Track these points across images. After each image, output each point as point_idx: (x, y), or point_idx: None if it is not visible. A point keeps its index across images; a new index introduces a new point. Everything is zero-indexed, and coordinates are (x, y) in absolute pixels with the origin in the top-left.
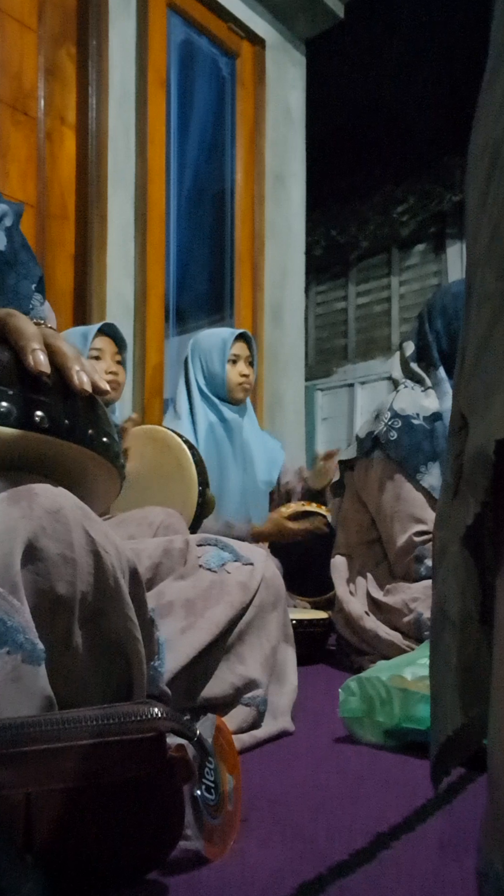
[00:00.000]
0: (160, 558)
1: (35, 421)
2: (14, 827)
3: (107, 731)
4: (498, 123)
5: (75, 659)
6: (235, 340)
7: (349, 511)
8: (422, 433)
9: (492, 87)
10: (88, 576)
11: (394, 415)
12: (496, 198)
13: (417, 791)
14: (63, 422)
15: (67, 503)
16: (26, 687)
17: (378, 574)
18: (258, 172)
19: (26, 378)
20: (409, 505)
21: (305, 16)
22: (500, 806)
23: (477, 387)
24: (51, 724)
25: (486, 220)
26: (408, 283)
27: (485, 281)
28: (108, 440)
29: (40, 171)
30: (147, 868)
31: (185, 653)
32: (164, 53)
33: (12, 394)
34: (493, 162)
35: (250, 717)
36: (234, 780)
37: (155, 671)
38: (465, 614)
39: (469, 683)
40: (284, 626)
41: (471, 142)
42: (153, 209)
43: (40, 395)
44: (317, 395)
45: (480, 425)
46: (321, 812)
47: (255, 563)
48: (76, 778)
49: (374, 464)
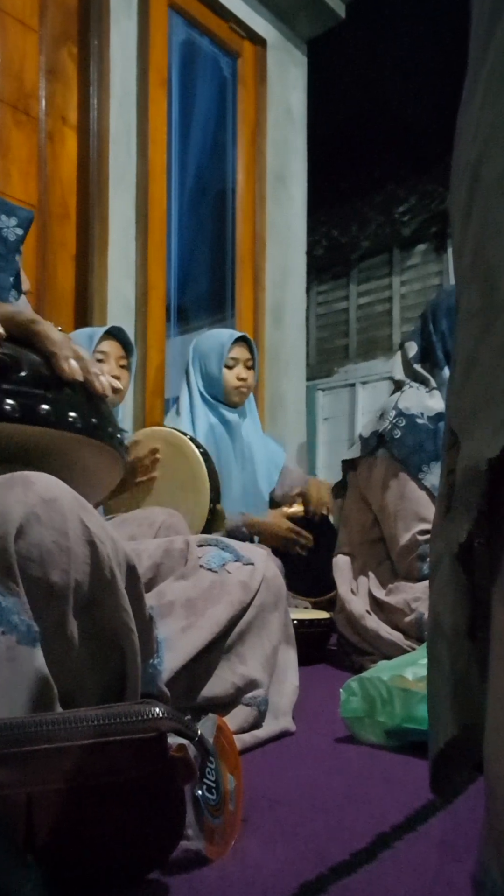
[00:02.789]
0: (161, 558)
1: (41, 415)
2: (15, 827)
3: (108, 731)
4: (475, 144)
5: (70, 648)
6: (234, 344)
7: (352, 510)
8: (425, 432)
9: (468, 107)
10: (84, 565)
11: (398, 413)
12: (478, 218)
13: (418, 791)
14: (68, 415)
15: (63, 493)
16: (21, 667)
17: (380, 573)
18: (259, 172)
19: (28, 374)
20: (412, 503)
21: (307, 16)
22: (497, 815)
23: (465, 404)
24: (52, 724)
25: (470, 238)
26: (409, 283)
27: (470, 299)
28: (112, 429)
29: (41, 171)
30: (148, 868)
31: (185, 651)
32: (166, 53)
33: (16, 390)
34: (472, 182)
35: (251, 717)
36: (236, 780)
37: (154, 669)
38: (456, 628)
39: (461, 695)
40: (285, 627)
41: (453, 160)
42: (154, 209)
43: (44, 390)
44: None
45: (470, 443)
46: (322, 812)
47: (255, 563)
48: (77, 778)
49: (378, 462)
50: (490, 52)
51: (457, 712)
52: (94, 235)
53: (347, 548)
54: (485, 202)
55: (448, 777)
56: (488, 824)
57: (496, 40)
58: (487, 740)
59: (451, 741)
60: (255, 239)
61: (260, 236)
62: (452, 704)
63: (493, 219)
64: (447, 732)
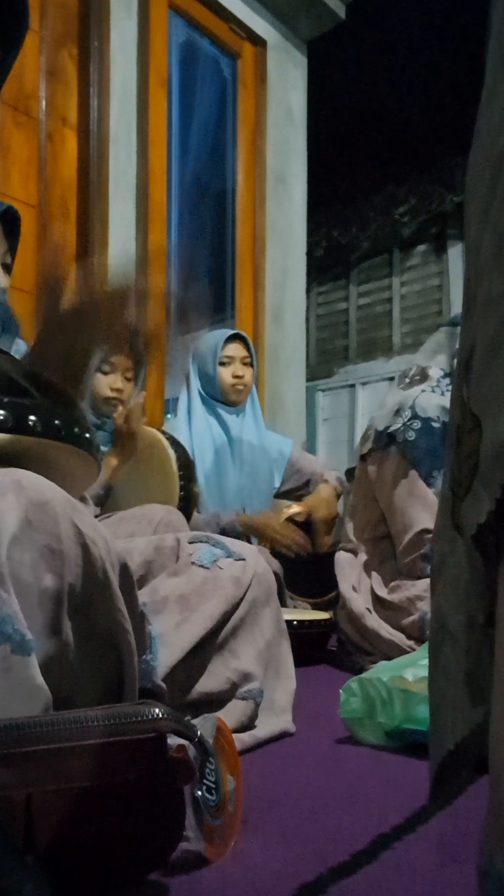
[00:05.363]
0: (152, 556)
1: (29, 425)
2: (15, 827)
3: (108, 731)
4: (499, 139)
5: (65, 651)
6: (229, 342)
7: (358, 506)
8: (440, 436)
9: (490, 103)
10: (76, 567)
11: (413, 415)
12: (500, 209)
13: (418, 792)
14: (53, 423)
15: (55, 495)
16: (16, 677)
17: (383, 571)
18: (259, 173)
19: (17, 386)
20: (421, 501)
21: (307, 16)
22: (501, 805)
23: (489, 388)
24: (51, 725)
25: (491, 229)
26: (409, 284)
27: (492, 286)
28: (90, 435)
29: (41, 172)
30: (148, 869)
31: (180, 646)
32: (166, 54)
33: (8, 401)
34: (495, 175)
35: (248, 710)
36: (235, 781)
37: (147, 665)
38: (468, 622)
39: (473, 690)
40: (278, 622)
41: (470, 158)
42: (154, 210)
43: (32, 399)
44: (318, 395)
45: (497, 424)
46: (322, 813)
47: (246, 559)
48: (77, 778)
49: (390, 459)
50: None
51: (469, 709)
52: (94, 236)
53: (352, 543)
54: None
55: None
56: (492, 814)
57: None
58: (493, 729)
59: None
60: (255, 239)
61: (260, 237)
62: (464, 700)
63: None
64: (456, 735)
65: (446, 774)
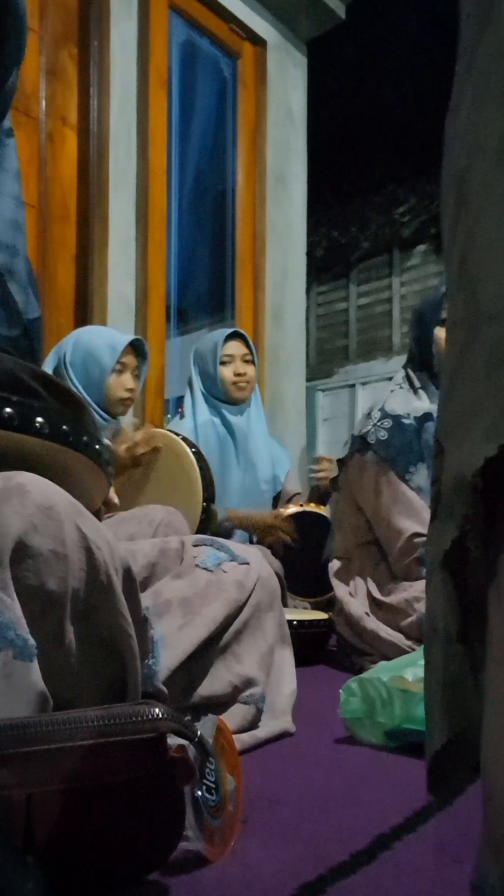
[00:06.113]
0: (156, 558)
1: (35, 426)
2: (15, 827)
3: (108, 731)
4: (462, 153)
5: (68, 655)
6: (229, 340)
7: (345, 514)
8: (412, 432)
9: (455, 116)
10: (80, 571)
11: (384, 415)
12: (464, 228)
13: (418, 792)
14: (61, 428)
15: (60, 499)
16: (18, 683)
17: (378, 575)
18: (259, 173)
19: (27, 386)
20: (405, 507)
21: (307, 16)
22: (494, 820)
23: (451, 413)
24: (51, 725)
25: (457, 248)
26: (409, 284)
27: (455, 307)
28: (99, 447)
29: (42, 172)
30: (148, 869)
31: (183, 649)
32: (166, 54)
33: (16, 400)
34: (459, 191)
35: (249, 715)
36: (235, 781)
37: (149, 669)
38: (448, 632)
39: (453, 700)
40: (280, 626)
41: (442, 169)
42: (154, 210)
43: (40, 401)
44: (318, 395)
45: (456, 453)
46: (322, 813)
47: (250, 563)
48: (77, 778)
49: (368, 466)
50: (476, 62)
51: (448, 719)
52: (94, 236)
53: (343, 552)
54: (471, 213)
55: (446, 778)
56: (486, 829)
57: (482, 51)
58: (485, 746)
59: (446, 745)
60: (255, 239)
61: (260, 237)
62: (444, 710)
63: (479, 230)
64: (442, 736)
65: (439, 773)
